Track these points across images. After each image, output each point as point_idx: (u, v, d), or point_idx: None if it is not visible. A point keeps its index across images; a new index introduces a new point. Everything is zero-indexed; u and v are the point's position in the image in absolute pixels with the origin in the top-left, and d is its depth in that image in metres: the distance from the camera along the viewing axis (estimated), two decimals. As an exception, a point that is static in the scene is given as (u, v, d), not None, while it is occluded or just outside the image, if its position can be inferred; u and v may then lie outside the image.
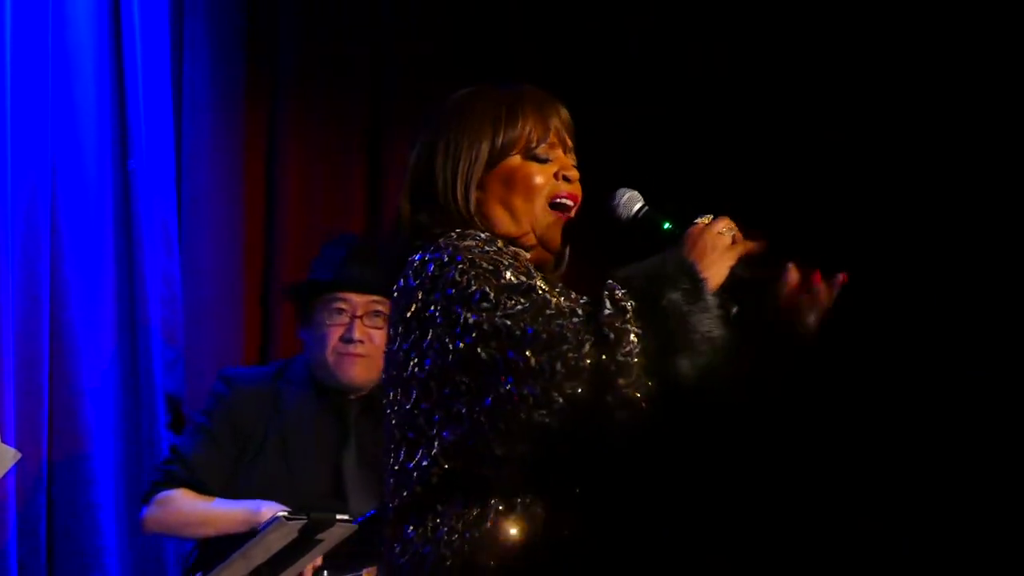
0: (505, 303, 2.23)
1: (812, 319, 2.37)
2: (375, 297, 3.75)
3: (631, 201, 2.44)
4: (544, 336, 2.20)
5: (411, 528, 2.30)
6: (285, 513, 3.48)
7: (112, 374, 4.21)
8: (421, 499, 2.30)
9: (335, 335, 3.76)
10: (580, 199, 2.48)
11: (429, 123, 2.53)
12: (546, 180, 2.45)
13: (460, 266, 2.29)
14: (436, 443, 2.28)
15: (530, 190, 2.44)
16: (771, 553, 2.37)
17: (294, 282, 4.05)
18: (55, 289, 4.09)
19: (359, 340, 3.75)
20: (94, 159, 4.22)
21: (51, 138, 4.12)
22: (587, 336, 2.19)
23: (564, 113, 2.53)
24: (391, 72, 4.94)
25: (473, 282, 2.27)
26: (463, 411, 2.26)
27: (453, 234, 2.37)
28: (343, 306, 3.78)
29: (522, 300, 2.24)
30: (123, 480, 4.19)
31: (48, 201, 4.09)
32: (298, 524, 3.46)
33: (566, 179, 2.47)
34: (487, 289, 2.25)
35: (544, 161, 2.46)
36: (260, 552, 3.49)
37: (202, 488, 3.70)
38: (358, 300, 3.78)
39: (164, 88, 4.38)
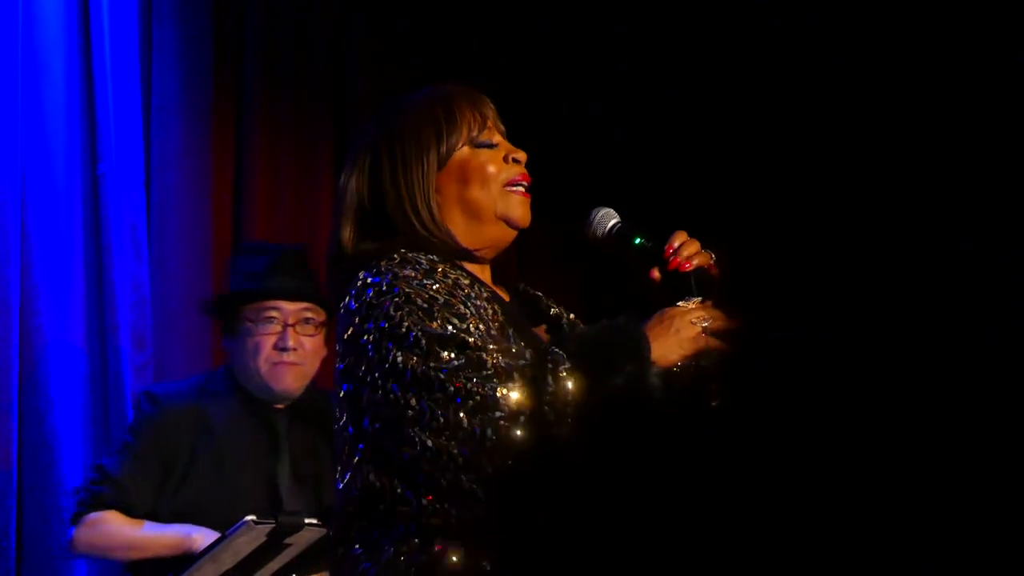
0: (438, 353, 2.19)
1: None
2: (306, 304, 3.71)
3: (606, 218, 2.45)
4: (478, 398, 2.16)
5: (357, 546, 2.27)
6: (253, 517, 3.47)
7: (81, 379, 4.20)
8: (363, 519, 2.27)
9: (267, 344, 3.69)
10: (530, 179, 2.48)
11: (360, 148, 2.49)
12: (498, 166, 2.45)
13: (396, 299, 2.25)
14: (365, 473, 2.26)
15: (485, 177, 2.43)
16: None
17: (219, 294, 3.98)
18: (25, 294, 4.08)
19: (293, 348, 3.68)
20: (63, 163, 4.22)
21: (20, 142, 4.11)
22: (523, 410, 2.15)
23: (491, 103, 2.52)
24: (357, 74, 4.97)
25: (406, 319, 2.22)
26: (388, 450, 2.24)
27: (396, 256, 2.33)
28: (274, 314, 3.70)
29: (455, 354, 2.19)
30: (92, 484, 4.19)
31: (18, 206, 4.07)
32: (267, 528, 3.44)
33: (515, 161, 2.46)
34: (419, 334, 2.20)
35: (491, 146, 2.46)
36: (228, 556, 3.48)
37: (131, 510, 3.62)
38: (290, 308, 3.71)
39: (133, 91, 4.37)
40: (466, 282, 2.35)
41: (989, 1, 4.47)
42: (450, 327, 2.22)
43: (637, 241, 2.40)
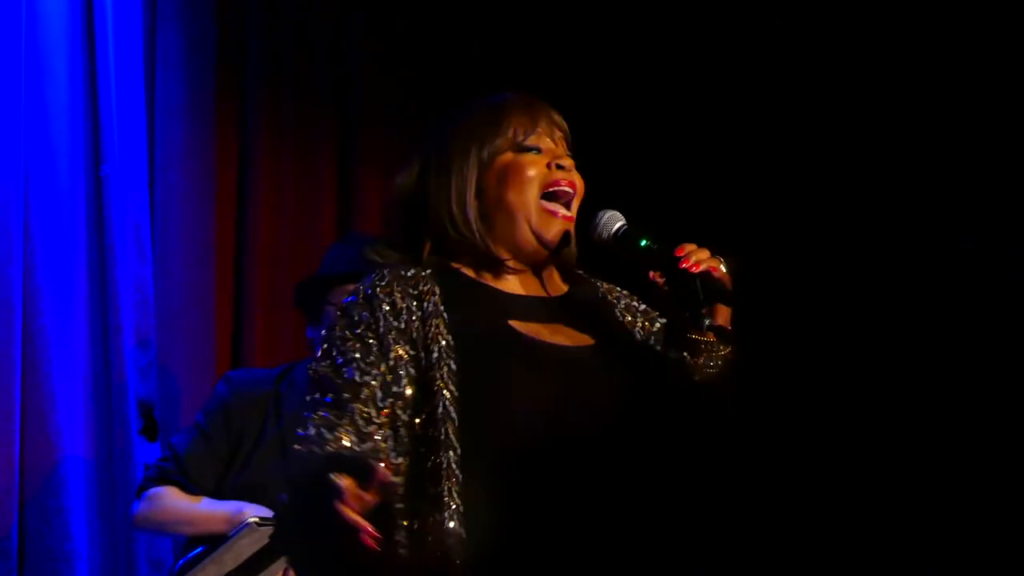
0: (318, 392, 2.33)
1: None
2: None
3: (611, 220, 2.43)
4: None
5: None
6: (257, 519, 3.47)
7: (84, 379, 4.20)
8: None
9: None
10: (579, 189, 2.46)
11: (417, 150, 2.52)
12: (538, 170, 2.44)
13: (343, 322, 2.37)
14: None
15: (522, 181, 2.43)
16: None
17: (306, 278, 3.98)
18: (27, 295, 4.07)
19: None
20: (67, 164, 4.22)
21: (24, 143, 4.11)
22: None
23: (553, 113, 2.52)
24: (358, 74, 4.97)
25: (335, 349, 2.35)
26: None
27: (385, 274, 2.39)
28: None
29: (333, 410, 2.30)
30: (94, 485, 4.19)
31: (21, 207, 4.07)
32: (269, 530, 3.46)
33: (559, 167, 2.45)
34: (331, 375, 2.33)
35: (534, 150, 2.45)
36: (231, 557, 3.49)
37: (191, 486, 3.69)
38: None
39: (137, 92, 4.38)
40: (437, 300, 2.36)
41: (989, 1, 4.48)
42: (350, 378, 2.30)
43: (643, 243, 2.39)
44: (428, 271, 2.42)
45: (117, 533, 4.19)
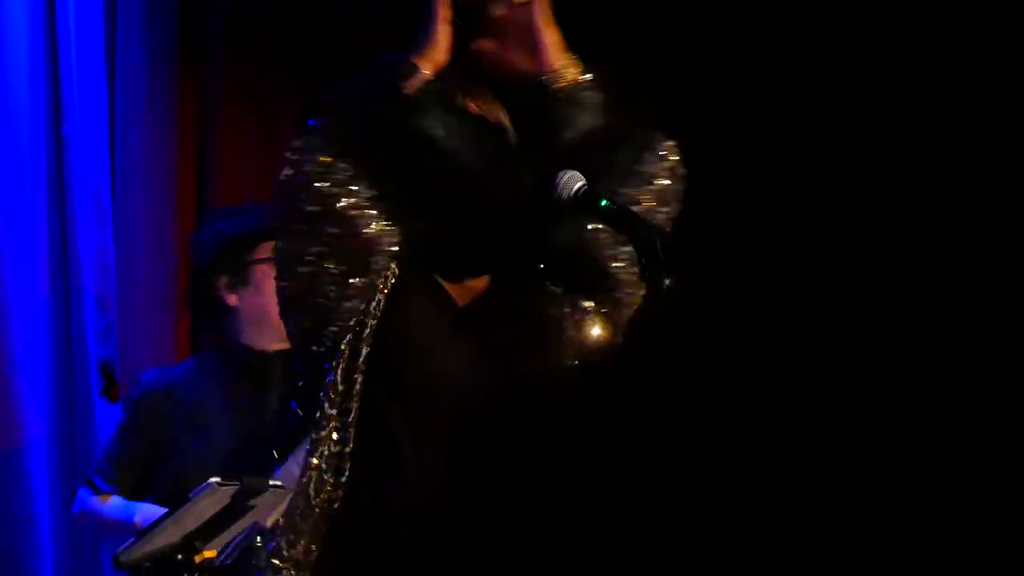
0: None
1: None
2: None
3: (571, 181, 2.43)
4: None
5: None
6: (218, 479, 3.48)
7: (45, 342, 4.20)
8: None
9: None
10: None
11: None
12: None
13: None
14: None
15: None
16: None
17: (222, 239, 3.96)
18: (-15, 259, 4.08)
19: None
20: (27, 125, 4.20)
21: (-17, 105, 4.10)
22: None
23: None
24: (323, 34, 4.95)
25: None
26: None
27: None
28: None
29: None
30: (55, 445, 4.19)
31: (-20, 168, 4.07)
32: (230, 489, 3.45)
33: None
34: None
35: None
36: (192, 518, 3.49)
37: (106, 485, 3.73)
38: None
39: (97, 53, 4.36)
40: None
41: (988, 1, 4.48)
42: None
43: (603, 203, 2.39)
44: None
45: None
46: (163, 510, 3.52)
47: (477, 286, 2.41)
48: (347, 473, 2.27)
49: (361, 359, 2.27)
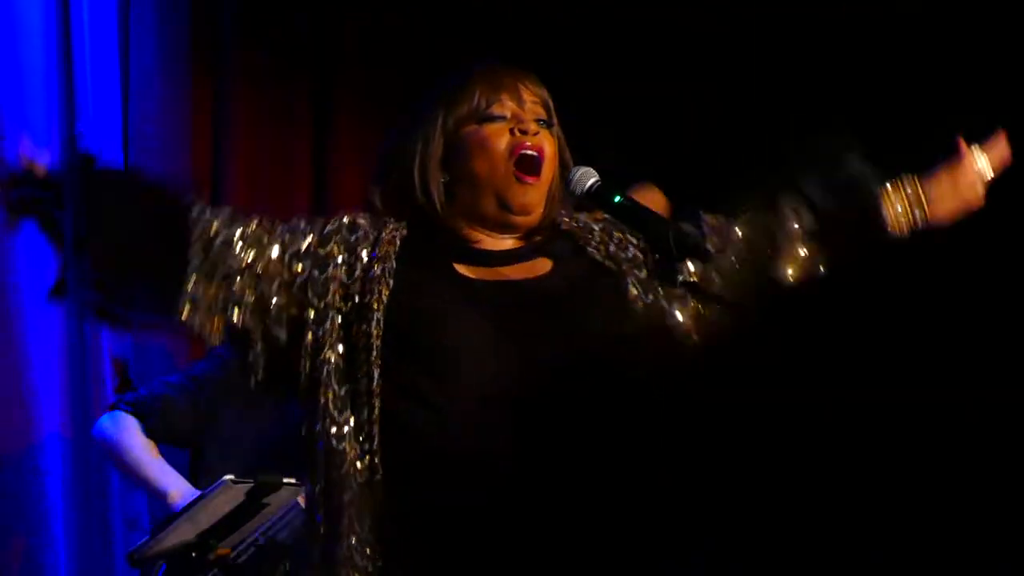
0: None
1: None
2: None
3: (585, 177, 2.43)
4: None
5: None
6: (231, 477, 3.48)
7: (58, 336, 4.20)
8: None
9: None
10: (548, 152, 2.44)
11: (402, 114, 2.54)
12: (501, 138, 2.42)
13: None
14: None
15: (485, 151, 2.42)
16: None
17: None
18: (1, 254, 4.07)
19: None
20: (42, 126, 4.20)
21: (-2, 104, 4.11)
22: None
23: (524, 78, 2.49)
24: (337, 39, 4.95)
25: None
26: None
27: (344, 217, 2.45)
28: None
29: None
30: (69, 443, 4.19)
31: (-7, 164, 4.06)
32: (245, 487, 3.47)
33: (522, 132, 2.42)
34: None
35: (498, 119, 2.44)
36: (206, 515, 3.50)
37: (156, 431, 3.77)
38: None
39: (111, 53, 4.36)
40: (394, 247, 2.41)
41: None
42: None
43: (616, 199, 2.39)
44: (403, 223, 2.45)
45: (91, 491, 4.19)
46: (196, 492, 3.53)
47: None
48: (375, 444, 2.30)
49: (372, 332, 2.32)
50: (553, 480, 2.29)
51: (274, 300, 2.35)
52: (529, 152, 2.42)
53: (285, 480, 3.49)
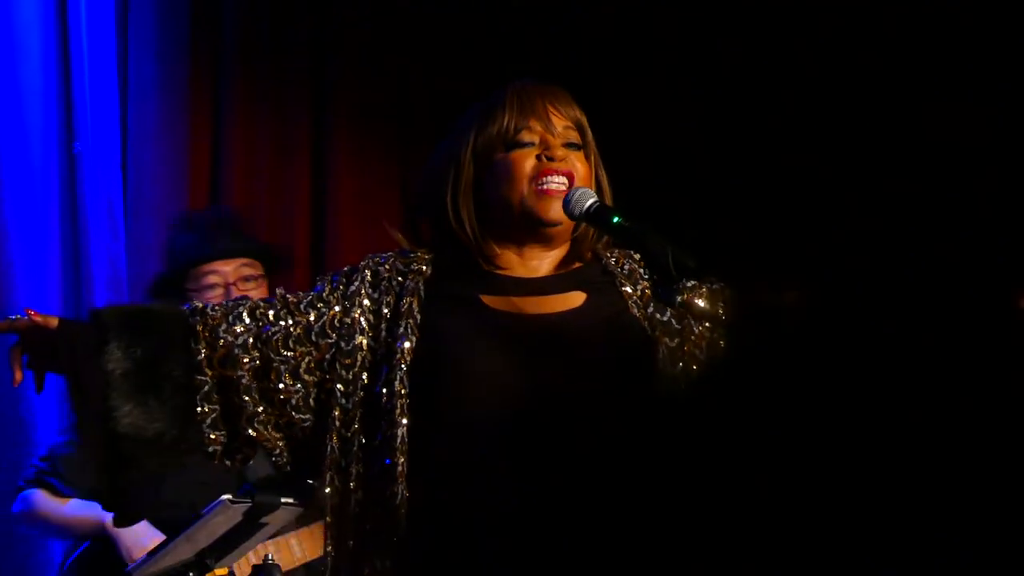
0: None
1: None
2: (243, 260, 3.76)
3: (583, 197, 2.43)
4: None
5: None
6: (230, 496, 3.46)
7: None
8: None
9: None
10: (578, 176, 2.44)
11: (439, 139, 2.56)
12: (527, 164, 2.42)
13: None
14: None
15: (513, 178, 2.42)
16: None
17: (157, 275, 3.95)
18: (0, 270, 4.07)
19: None
20: (40, 141, 4.21)
21: (-4, 121, 4.11)
22: None
23: (554, 100, 2.48)
24: (334, 52, 4.95)
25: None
26: None
27: (361, 265, 2.46)
28: (214, 279, 3.75)
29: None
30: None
31: (-8, 183, 4.07)
32: (243, 507, 3.45)
33: (549, 158, 2.42)
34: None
35: (527, 145, 2.43)
36: (204, 535, 3.48)
37: (64, 487, 3.74)
38: (227, 268, 3.76)
39: (110, 69, 4.36)
40: (422, 279, 2.43)
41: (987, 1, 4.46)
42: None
43: (615, 220, 2.39)
44: (430, 254, 2.47)
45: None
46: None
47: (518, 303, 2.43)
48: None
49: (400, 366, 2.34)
50: (577, 527, 2.28)
51: (298, 387, 2.38)
52: (552, 179, 2.42)
53: (283, 500, 3.47)
